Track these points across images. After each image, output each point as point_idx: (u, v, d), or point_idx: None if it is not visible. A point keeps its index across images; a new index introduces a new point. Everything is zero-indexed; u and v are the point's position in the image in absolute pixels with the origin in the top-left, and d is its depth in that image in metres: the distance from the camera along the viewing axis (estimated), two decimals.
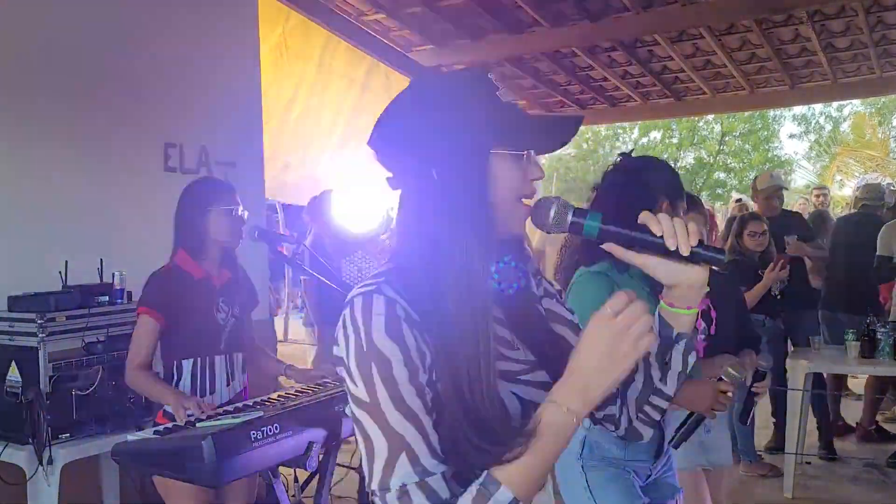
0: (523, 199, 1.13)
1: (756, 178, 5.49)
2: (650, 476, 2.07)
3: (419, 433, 1.00)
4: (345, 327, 1.05)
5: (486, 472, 0.97)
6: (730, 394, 2.00)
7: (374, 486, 1.00)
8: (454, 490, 1.00)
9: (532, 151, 1.12)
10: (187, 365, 2.62)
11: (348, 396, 1.05)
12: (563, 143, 1.16)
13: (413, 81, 1.15)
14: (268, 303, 5.18)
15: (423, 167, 1.08)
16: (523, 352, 1.18)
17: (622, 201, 1.96)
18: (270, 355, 3.02)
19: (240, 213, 2.64)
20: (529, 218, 1.14)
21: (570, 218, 1.10)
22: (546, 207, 1.10)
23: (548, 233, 1.13)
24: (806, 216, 6.40)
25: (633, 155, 2.14)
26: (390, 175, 1.15)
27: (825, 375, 5.19)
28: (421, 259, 1.08)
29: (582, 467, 1.98)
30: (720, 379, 2.04)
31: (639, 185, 2.00)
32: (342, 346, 1.05)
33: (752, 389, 2.54)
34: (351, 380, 1.03)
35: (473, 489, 0.97)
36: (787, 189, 5.40)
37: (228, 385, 2.71)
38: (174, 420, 2.37)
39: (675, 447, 2.03)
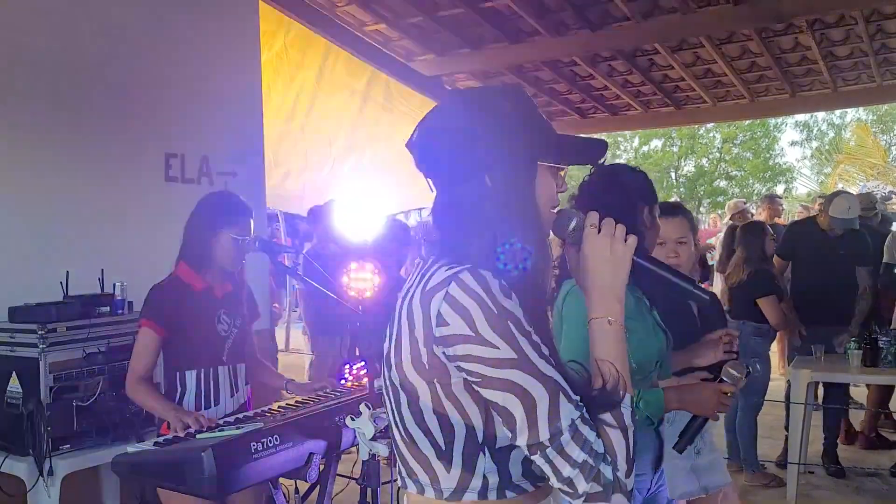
0: (552, 207, 1.23)
1: (834, 200, 4.96)
2: (649, 490, 2.05)
3: (561, 374, 1.10)
4: (458, 301, 1.08)
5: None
6: (731, 394, 1.98)
7: (543, 435, 1.06)
8: None
9: (572, 165, 1.24)
10: (191, 376, 2.62)
11: (476, 367, 1.08)
12: (595, 162, 1.30)
13: (457, 92, 1.26)
14: (269, 312, 5.18)
15: (476, 173, 1.16)
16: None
17: (601, 208, 1.95)
18: (272, 369, 3.02)
19: (248, 241, 2.63)
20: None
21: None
22: (567, 218, 1.22)
23: (564, 241, 1.25)
24: None
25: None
26: (430, 178, 1.23)
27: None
28: (491, 258, 1.14)
29: None
30: (721, 380, 2.02)
31: (617, 192, 2.00)
32: (457, 321, 1.08)
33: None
34: (487, 345, 1.07)
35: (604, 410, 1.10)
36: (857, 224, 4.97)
37: (233, 396, 2.71)
38: (189, 430, 2.37)
39: (681, 451, 2.01)
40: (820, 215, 5.03)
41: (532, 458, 1.08)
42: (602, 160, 1.31)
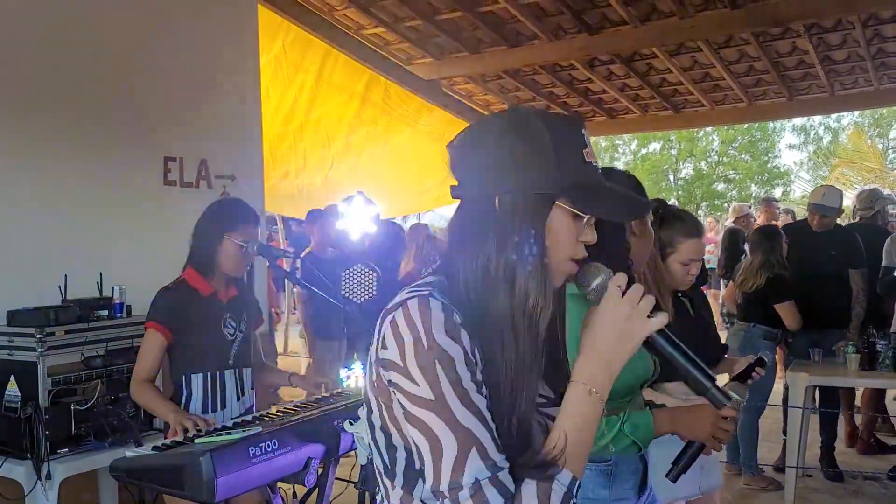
0: (570, 258, 1.13)
1: (813, 190, 5.28)
2: None
3: (486, 429, 1.02)
4: (397, 328, 1.05)
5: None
6: (731, 419, 1.86)
7: (443, 485, 1.01)
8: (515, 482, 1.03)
9: (591, 216, 1.13)
10: (197, 379, 2.64)
11: (401, 398, 1.05)
12: (627, 220, 1.23)
13: (512, 108, 1.16)
14: (268, 316, 5.19)
15: (487, 192, 1.10)
16: (543, 387, 1.20)
17: None
18: (275, 367, 3.06)
19: (253, 248, 2.65)
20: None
21: None
22: (593, 274, 1.13)
23: (585, 297, 1.14)
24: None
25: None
26: (455, 183, 1.17)
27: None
28: (472, 282, 1.09)
29: None
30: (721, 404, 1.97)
31: None
32: (394, 348, 1.05)
33: (754, 373, 2.42)
34: (409, 380, 1.03)
35: (533, 479, 1.02)
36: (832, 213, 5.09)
37: (239, 399, 2.74)
38: (187, 434, 2.38)
39: (674, 481, 1.91)
40: (810, 216, 5.09)
41: (436, 502, 1.04)
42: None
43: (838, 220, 5.39)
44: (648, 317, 1.08)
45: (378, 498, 1.19)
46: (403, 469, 1.11)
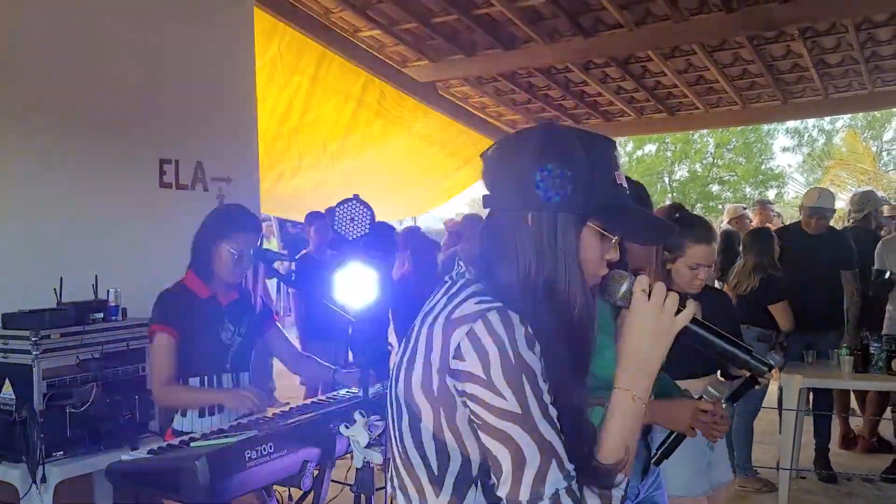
0: (595, 274, 1.18)
1: (807, 193, 5.30)
2: (638, 495, 2.06)
3: (560, 440, 1.07)
4: (480, 341, 1.07)
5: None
6: (709, 412, 1.99)
7: (523, 496, 1.04)
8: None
9: (621, 237, 1.18)
10: (194, 384, 2.65)
11: (479, 410, 1.07)
12: (654, 243, 1.33)
13: (548, 125, 1.19)
14: None
15: (520, 207, 1.14)
16: None
17: None
18: (319, 361, 3.04)
19: (247, 256, 2.65)
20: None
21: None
22: (618, 282, 1.17)
23: (613, 305, 1.20)
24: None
25: None
26: (487, 193, 1.21)
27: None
28: (517, 293, 1.13)
29: None
30: (700, 398, 2.04)
31: None
32: (475, 361, 1.07)
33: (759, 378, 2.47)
34: (495, 393, 1.06)
35: (594, 486, 1.08)
36: (831, 214, 5.21)
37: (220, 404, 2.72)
38: (182, 437, 2.38)
39: (657, 464, 2.03)
40: (802, 218, 5.12)
41: None
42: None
43: (832, 223, 5.42)
44: (676, 314, 1.14)
45: (401, 501, 1.20)
46: (456, 477, 1.13)
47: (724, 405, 2.04)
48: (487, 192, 1.20)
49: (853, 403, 5.91)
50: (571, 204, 1.12)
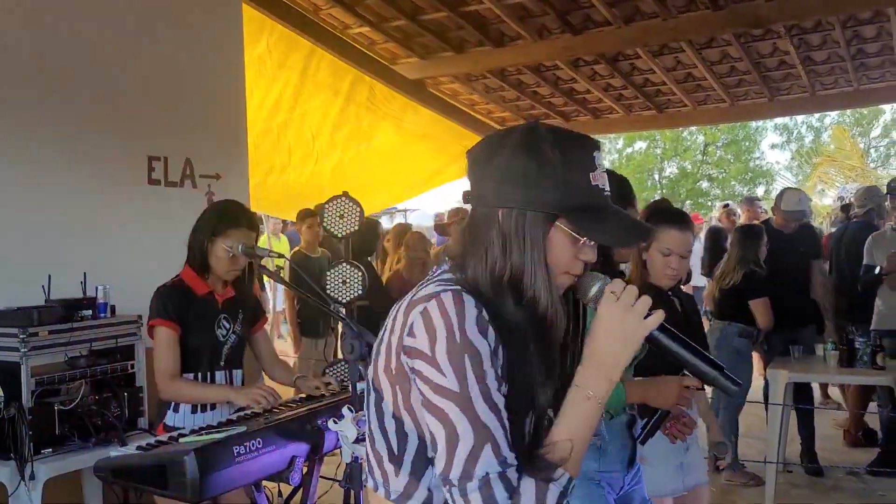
0: (566, 272, 1.18)
1: (784, 195, 5.37)
2: (622, 488, 2.09)
3: (501, 426, 1.07)
4: (430, 319, 1.09)
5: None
6: (694, 387, 2.04)
7: (454, 474, 1.06)
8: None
9: (590, 240, 1.17)
10: (187, 379, 2.65)
11: (423, 387, 1.09)
12: (626, 246, 1.26)
13: (529, 125, 1.20)
14: None
15: (493, 203, 1.16)
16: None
17: None
18: (287, 365, 3.08)
19: (241, 252, 2.65)
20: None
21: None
22: (590, 283, 1.17)
23: (586, 305, 1.21)
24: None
25: None
26: (468, 190, 1.23)
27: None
28: (483, 284, 1.14)
29: None
30: (684, 374, 2.06)
31: None
32: (423, 338, 1.09)
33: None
34: (437, 370, 1.08)
35: (533, 478, 1.06)
36: (809, 215, 5.42)
37: (229, 402, 2.73)
38: (171, 433, 2.39)
39: (643, 443, 2.07)
40: (774, 216, 5.19)
41: (443, 488, 1.09)
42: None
43: (825, 220, 5.51)
44: (645, 318, 1.12)
45: (370, 484, 1.22)
46: (413, 456, 1.16)
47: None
48: (471, 191, 1.22)
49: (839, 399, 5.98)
50: (541, 203, 1.14)
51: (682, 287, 2.97)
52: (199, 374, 2.67)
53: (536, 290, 1.13)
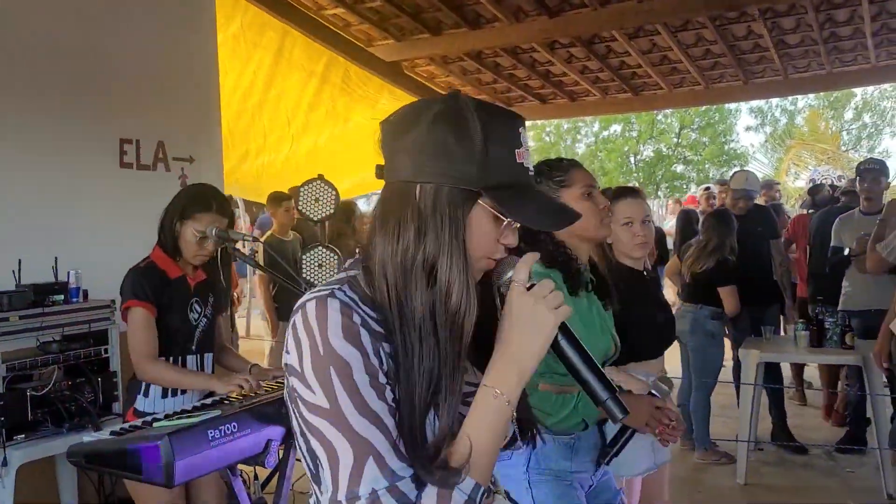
0: (487, 257, 1.08)
1: (734, 175, 5.61)
2: (592, 486, 2.10)
3: (385, 437, 0.98)
4: (296, 333, 1.01)
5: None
6: (666, 410, 2.05)
7: (341, 495, 0.97)
8: (418, 489, 0.99)
9: (513, 221, 1.07)
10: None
11: (299, 406, 1.01)
12: (550, 229, 1.20)
13: (451, 95, 1.09)
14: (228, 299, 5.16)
15: (410, 178, 1.05)
16: (474, 373, 1.13)
17: None
18: (236, 353, 3.05)
19: (212, 235, 2.63)
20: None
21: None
22: (505, 268, 1.08)
23: (497, 290, 1.10)
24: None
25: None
26: (381, 164, 1.11)
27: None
28: (391, 272, 1.04)
29: (528, 482, 1.96)
30: (651, 394, 2.09)
31: None
32: (293, 353, 1.02)
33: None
34: (306, 387, 1.00)
35: (434, 486, 0.98)
36: (757, 195, 5.56)
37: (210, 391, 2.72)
38: (144, 418, 2.38)
39: (607, 464, 2.07)
40: (729, 200, 5.40)
41: None
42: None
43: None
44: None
45: (311, 501, 1.14)
46: (329, 476, 1.04)
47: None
48: (384, 164, 1.11)
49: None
50: (463, 179, 1.02)
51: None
52: (171, 359, 2.65)
53: (451, 277, 1.02)
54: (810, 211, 6.54)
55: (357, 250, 1.15)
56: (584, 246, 2.09)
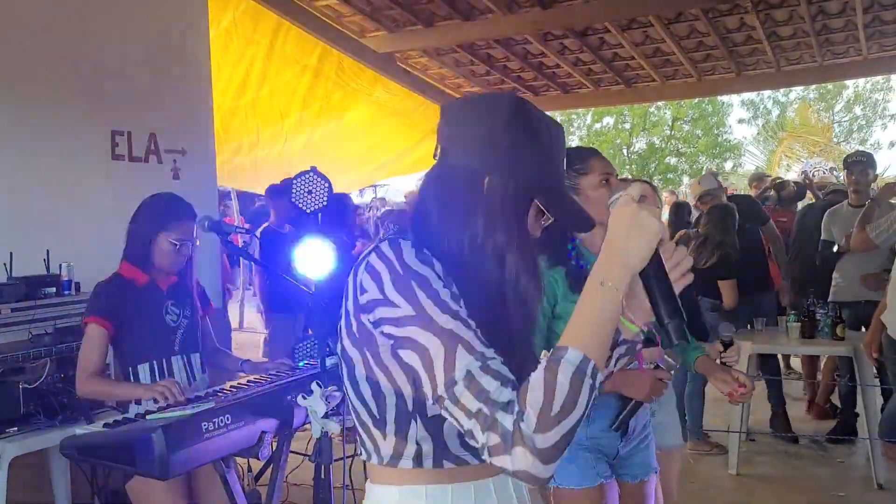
0: None
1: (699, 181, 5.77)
2: (618, 453, 2.15)
3: (468, 328, 1.06)
4: (372, 269, 1.11)
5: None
6: (666, 380, 2.08)
7: (440, 389, 1.03)
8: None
9: (556, 220, 1.20)
10: (143, 370, 2.64)
11: (388, 328, 1.09)
12: (583, 231, 1.34)
13: (517, 98, 1.19)
14: (221, 292, 5.15)
15: (478, 168, 1.15)
16: None
17: None
18: (229, 353, 3.06)
19: (187, 244, 2.63)
20: None
21: None
22: (617, 191, 1.16)
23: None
24: None
25: None
26: (439, 146, 1.20)
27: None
28: (458, 257, 1.14)
29: None
30: (657, 366, 2.11)
31: None
32: (370, 287, 1.11)
33: (723, 357, 2.56)
34: (391, 306, 1.08)
35: (542, 361, 1.02)
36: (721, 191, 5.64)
37: (189, 385, 2.72)
38: (138, 411, 2.37)
39: (617, 430, 2.11)
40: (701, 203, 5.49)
41: (441, 412, 1.06)
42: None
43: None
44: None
45: (364, 457, 1.21)
46: (395, 416, 1.15)
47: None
48: (443, 145, 1.19)
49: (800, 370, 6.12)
50: (529, 178, 1.15)
51: None
52: (154, 363, 2.65)
53: (520, 267, 1.15)
54: (777, 206, 6.60)
55: (389, 227, 1.23)
56: (600, 231, 2.12)
